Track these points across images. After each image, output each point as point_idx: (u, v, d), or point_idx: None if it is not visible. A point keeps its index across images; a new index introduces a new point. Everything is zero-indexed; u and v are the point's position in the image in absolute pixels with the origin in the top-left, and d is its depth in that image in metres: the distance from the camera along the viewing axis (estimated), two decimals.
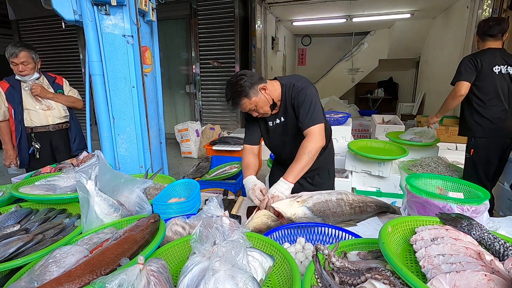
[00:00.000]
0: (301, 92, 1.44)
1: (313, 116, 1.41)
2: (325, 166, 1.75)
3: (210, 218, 0.91)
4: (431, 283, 0.62)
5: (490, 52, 2.31)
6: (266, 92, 1.45)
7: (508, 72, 2.27)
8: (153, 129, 2.14)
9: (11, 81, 2.36)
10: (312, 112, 1.41)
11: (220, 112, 6.09)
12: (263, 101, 1.45)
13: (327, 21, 7.04)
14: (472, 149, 2.40)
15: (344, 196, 1.27)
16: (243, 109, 1.47)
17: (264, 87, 1.44)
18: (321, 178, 1.74)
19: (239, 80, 1.40)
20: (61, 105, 2.50)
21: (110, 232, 0.99)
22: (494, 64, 2.27)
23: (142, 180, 1.34)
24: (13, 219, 1.14)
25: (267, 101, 1.46)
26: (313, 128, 1.40)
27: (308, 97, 1.43)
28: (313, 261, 0.75)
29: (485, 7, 4.37)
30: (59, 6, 1.74)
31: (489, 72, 2.27)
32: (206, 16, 5.62)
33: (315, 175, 1.73)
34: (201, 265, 0.72)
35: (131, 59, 1.85)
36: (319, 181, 1.74)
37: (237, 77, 1.43)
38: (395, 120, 4.33)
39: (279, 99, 1.51)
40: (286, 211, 1.18)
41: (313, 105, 1.42)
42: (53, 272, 0.77)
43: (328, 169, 1.76)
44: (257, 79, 1.44)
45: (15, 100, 2.34)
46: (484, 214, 1.07)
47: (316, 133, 1.39)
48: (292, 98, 1.47)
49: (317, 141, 1.38)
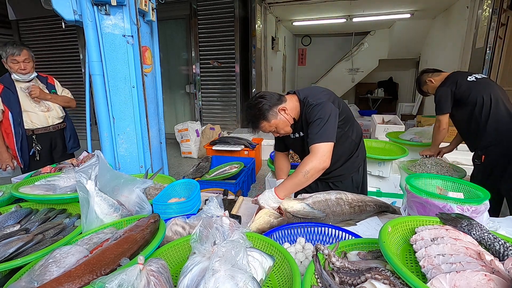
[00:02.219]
0: (313, 109, 1.36)
1: (321, 134, 1.31)
2: (349, 173, 1.65)
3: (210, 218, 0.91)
4: (431, 283, 0.62)
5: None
6: (286, 113, 1.40)
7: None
8: (153, 129, 2.14)
9: (5, 82, 2.30)
10: (320, 130, 1.31)
11: (220, 112, 6.09)
12: (283, 122, 1.40)
13: (327, 21, 7.03)
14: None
15: (343, 196, 1.27)
16: (264, 131, 1.43)
17: (284, 108, 1.39)
18: (344, 185, 1.66)
19: (258, 103, 1.37)
20: (58, 106, 2.51)
21: (110, 232, 0.99)
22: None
23: (142, 180, 1.34)
24: (13, 219, 1.14)
25: (288, 122, 1.41)
26: (318, 145, 1.30)
27: (319, 115, 1.33)
28: (313, 261, 0.75)
29: (485, 7, 4.37)
30: (59, 6, 1.74)
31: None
32: (206, 16, 5.62)
33: (337, 181, 1.66)
34: (201, 265, 0.72)
35: (131, 59, 1.85)
36: (341, 188, 1.65)
37: (256, 100, 1.39)
38: (395, 120, 4.33)
39: (299, 115, 1.46)
40: (283, 203, 1.20)
41: (322, 123, 1.32)
42: (53, 272, 0.77)
43: (352, 177, 1.66)
44: (276, 100, 1.39)
45: (11, 102, 2.29)
46: (484, 214, 1.07)
47: (320, 152, 1.29)
48: (307, 115, 1.41)
49: (319, 161, 1.27)
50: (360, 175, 1.70)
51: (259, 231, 1.08)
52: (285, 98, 1.45)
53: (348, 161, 1.61)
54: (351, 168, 1.64)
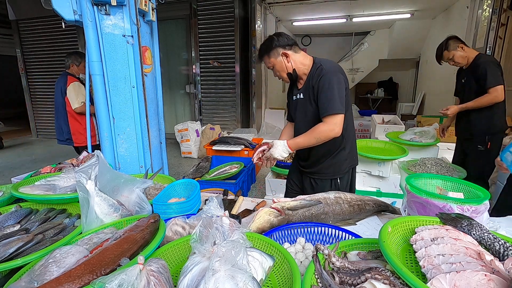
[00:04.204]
0: (325, 77, 1.37)
1: (333, 104, 1.33)
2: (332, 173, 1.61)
3: (210, 218, 0.91)
4: (431, 283, 0.62)
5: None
6: (287, 60, 1.47)
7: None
8: (153, 129, 2.14)
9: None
10: (332, 99, 1.33)
11: (220, 112, 6.09)
12: (279, 65, 1.49)
13: (327, 21, 7.03)
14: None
15: (341, 195, 1.28)
16: (265, 65, 1.56)
17: (287, 54, 1.47)
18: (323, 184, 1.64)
19: (268, 39, 1.50)
20: None
21: (110, 232, 0.99)
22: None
23: (142, 180, 1.34)
24: (13, 219, 1.14)
25: (284, 68, 1.49)
26: (333, 117, 1.34)
27: (333, 84, 1.35)
28: (313, 261, 0.75)
29: (485, 7, 4.37)
30: (59, 6, 1.74)
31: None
32: (206, 16, 5.62)
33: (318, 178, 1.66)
34: (201, 265, 0.72)
35: (131, 59, 1.85)
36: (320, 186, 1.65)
37: (270, 36, 1.51)
38: (395, 120, 4.33)
39: (305, 73, 1.51)
40: (280, 202, 1.22)
41: (335, 92, 1.34)
42: (53, 272, 0.77)
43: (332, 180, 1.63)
44: (285, 44, 1.47)
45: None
46: (484, 214, 1.07)
47: (333, 121, 1.34)
48: (314, 79, 1.43)
49: (333, 130, 1.33)
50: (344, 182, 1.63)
51: (260, 231, 1.08)
52: (298, 50, 1.52)
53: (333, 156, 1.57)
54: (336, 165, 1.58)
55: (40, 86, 6.81)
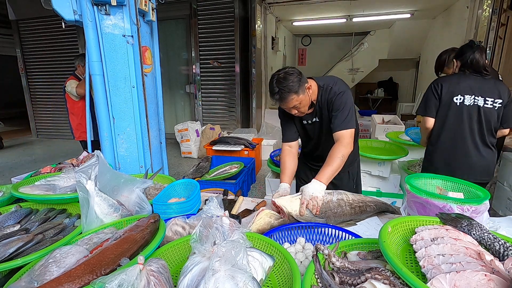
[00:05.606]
0: (339, 97, 1.47)
1: (347, 121, 1.44)
2: (345, 168, 1.65)
3: (210, 218, 0.91)
4: (431, 283, 0.62)
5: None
6: (310, 92, 1.48)
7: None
8: (153, 129, 2.14)
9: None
10: (347, 117, 1.45)
11: (220, 112, 6.09)
12: (306, 100, 1.47)
13: (327, 21, 7.03)
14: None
15: (344, 196, 1.27)
16: (288, 105, 1.45)
17: (310, 86, 1.47)
18: (341, 180, 1.73)
19: (290, 75, 1.39)
20: None
21: (110, 232, 0.99)
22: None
23: (142, 180, 1.34)
24: (13, 219, 1.14)
25: (309, 101, 1.49)
26: (345, 132, 1.43)
27: (347, 103, 1.46)
28: (313, 261, 0.75)
29: (485, 7, 4.37)
30: (59, 6, 1.74)
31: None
32: (206, 16, 5.62)
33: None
34: (201, 265, 0.72)
35: (131, 59, 1.85)
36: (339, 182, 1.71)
37: (287, 72, 1.40)
38: (395, 120, 4.33)
39: (315, 99, 1.54)
40: (286, 206, 1.20)
41: (348, 111, 1.46)
42: (53, 272, 0.77)
43: (348, 171, 1.76)
44: (304, 77, 1.46)
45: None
46: (484, 214, 1.07)
47: (348, 138, 1.43)
48: (329, 101, 1.50)
49: (348, 146, 1.42)
50: (355, 169, 1.81)
51: (260, 232, 1.08)
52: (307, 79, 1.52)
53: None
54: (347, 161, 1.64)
55: (40, 86, 6.81)
